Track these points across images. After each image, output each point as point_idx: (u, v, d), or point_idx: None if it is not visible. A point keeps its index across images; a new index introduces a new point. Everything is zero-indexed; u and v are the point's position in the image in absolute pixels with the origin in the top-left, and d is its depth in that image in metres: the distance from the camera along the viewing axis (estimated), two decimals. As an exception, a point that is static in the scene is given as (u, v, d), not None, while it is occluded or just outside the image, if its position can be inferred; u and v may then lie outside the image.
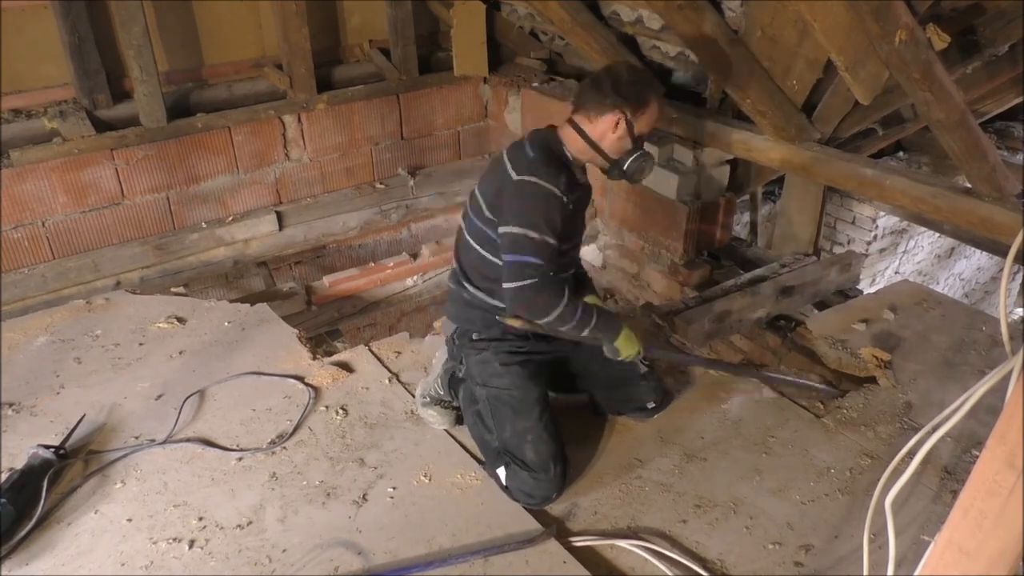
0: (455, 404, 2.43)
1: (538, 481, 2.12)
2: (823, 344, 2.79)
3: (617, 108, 2.09)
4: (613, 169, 2.21)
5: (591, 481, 2.26)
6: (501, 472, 2.19)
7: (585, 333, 2.16)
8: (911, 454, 1.29)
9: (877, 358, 2.69)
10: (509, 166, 2.10)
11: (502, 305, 2.18)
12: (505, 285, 2.08)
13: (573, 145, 2.18)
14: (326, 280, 3.24)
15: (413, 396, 2.58)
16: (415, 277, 3.41)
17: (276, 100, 3.62)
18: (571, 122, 2.18)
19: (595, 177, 3.72)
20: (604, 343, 2.25)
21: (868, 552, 1.50)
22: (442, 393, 2.44)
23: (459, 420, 2.43)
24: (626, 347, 2.24)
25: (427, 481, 2.23)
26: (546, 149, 2.14)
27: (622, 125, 2.11)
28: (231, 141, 3.52)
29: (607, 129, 2.12)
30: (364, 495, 2.18)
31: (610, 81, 2.10)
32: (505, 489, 2.18)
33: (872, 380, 2.66)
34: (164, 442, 2.35)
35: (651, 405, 2.44)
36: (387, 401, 2.56)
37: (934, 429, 1.24)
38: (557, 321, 2.09)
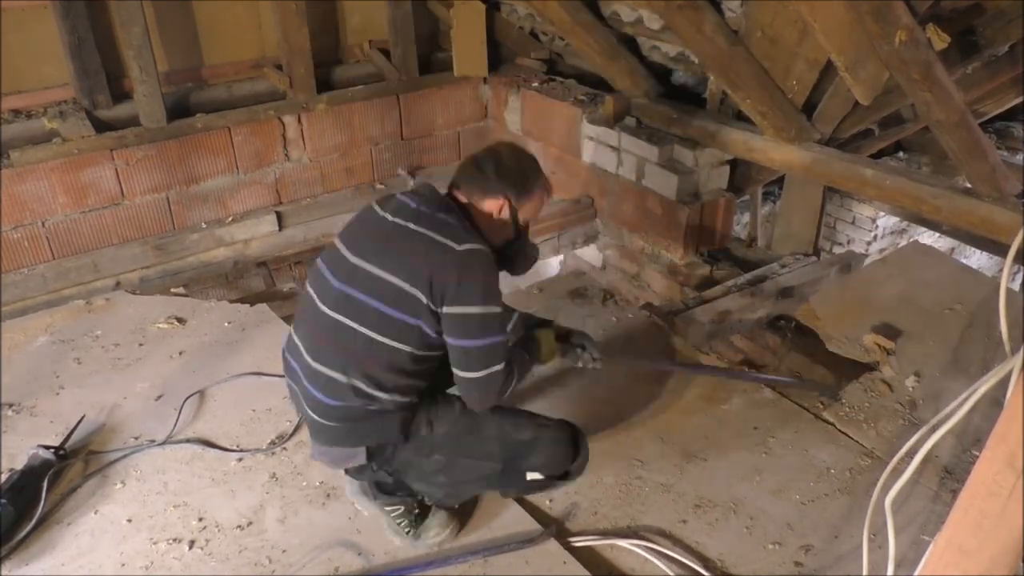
0: (418, 498, 2.04)
1: (569, 449, 1.99)
2: (825, 327, 2.79)
3: (500, 194, 1.87)
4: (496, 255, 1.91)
5: (591, 481, 2.26)
6: (530, 476, 1.99)
7: (521, 381, 1.92)
8: (911, 454, 1.29)
9: (880, 345, 2.68)
10: (438, 236, 1.77)
11: (408, 399, 1.85)
12: (468, 375, 1.78)
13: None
14: (326, 280, 3.24)
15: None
16: (415, 277, 3.41)
17: (276, 100, 3.62)
18: (452, 198, 1.92)
19: (594, 176, 3.73)
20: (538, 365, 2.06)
21: (867, 552, 1.50)
22: (400, 506, 2.02)
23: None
24: (549, 355, 2.05)
25: (427, 481, 2.23)
26: (460, 217, 1.86)
27: (505, 211, 1.89)
28: (231, 141, 3.51)
29: (492, 212, 1.89)
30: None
31: (493, 164, 1.89)
32: (540, 486, 2.05)
33: (870, 368, 2.65)
34: (164, 442, 2.35)
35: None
36: (387, 401, 2.55)
37: (934, 429, 1.24)
38: (503, 389, 1.84)
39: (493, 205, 1.88)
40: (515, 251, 2.02)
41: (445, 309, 1.75)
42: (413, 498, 2.02)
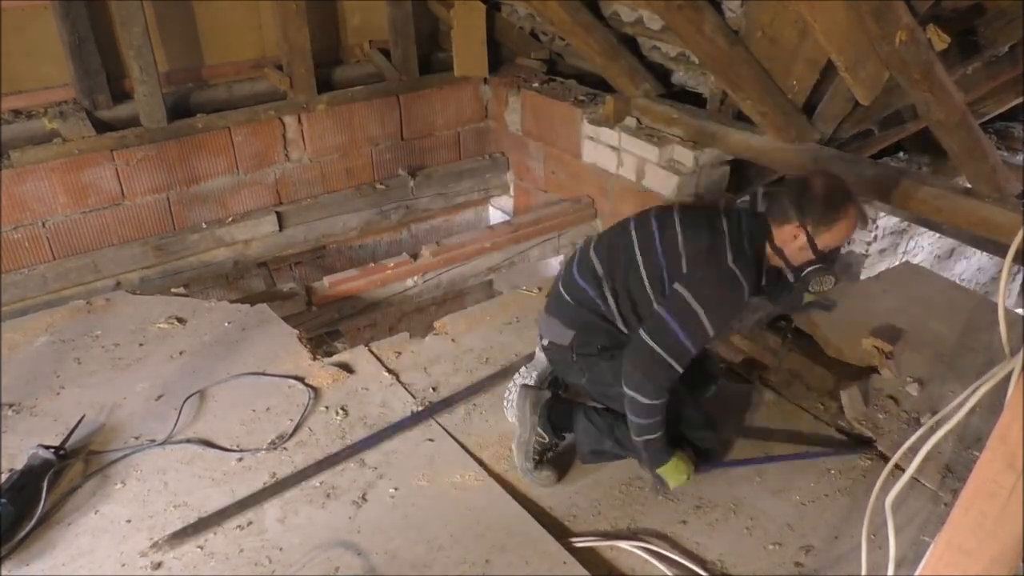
0: (554, 443, 2.28)
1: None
2: (824, 331, 2.80)
3: (798, 222, 2.00)
4: (796, 279, 2.11)
5: (592, 482, 2.26)
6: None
7: (640, 439, 2.07)
8: (911, 453, 1.29)
9: (879, 348, 2.68)
10: (728, 244, 2.01)
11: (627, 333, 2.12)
12: (644, 336, 2.01)
13: (771, 247, 2.10)
14: (326, 281, 3.24)
15: (413, 396, 2.58)
16: (415, 278, 3.40)
17: (276, 100, 3.61)
18: (767, 222, 2.10)
19: (594, 176, 3.73)
20: (647, 466, 2.17)
21: (866, 552, 1.50)
22: (545, 441, 2.23)
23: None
24: (674, 478, 2.13)
25: (426, 482, 2.23)
26: (757, 245, 2.06)
27: (801, 238, 2.01)
28: (231, 142, 3.51)
29: (787, 237, 2.04)
30: (364, 495, 2.18)
31: (796, 194, 2.02)
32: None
33: (874, 370, 2.65)
34: (164, 442, 2.35)
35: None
36: (387, 402, 2.56)
37: (934, 429, 1.24)
38: (644, 410, 2.02)
39: (790, 232, 2.02)
40: (811, 274, 2.07)
41: (676, 285, 2.01)
42: (555, 439, 2.26)
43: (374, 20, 3.88)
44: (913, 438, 1.30)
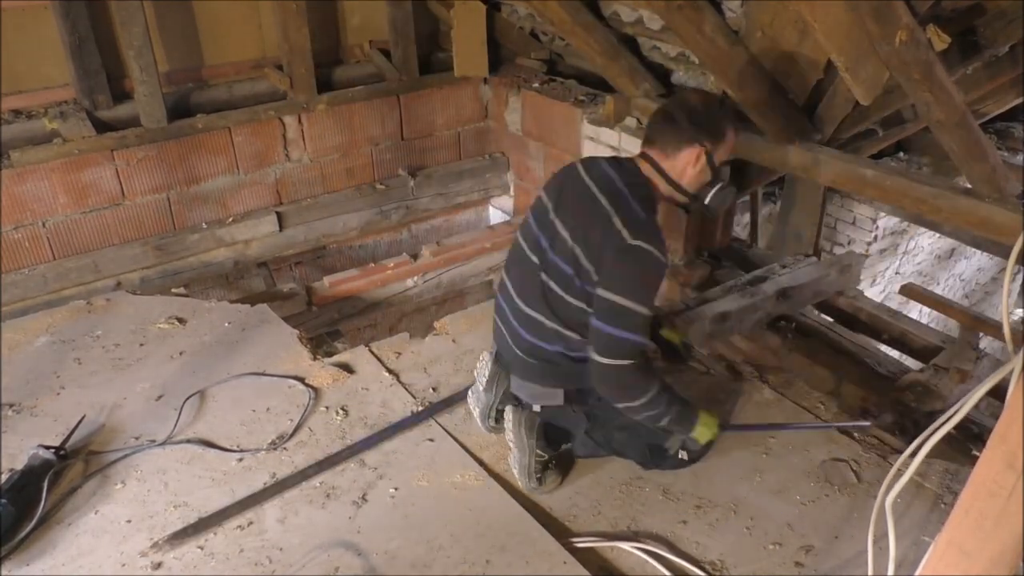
0: (554, 457, 2.24)
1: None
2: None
3: (696, 142, 1.98)
4: (692, 203, 2.10)
5: (592, 482, 2.26)
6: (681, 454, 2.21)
7: (662, 425, 2.06)
8: (912, 454, 1.29)
9: None
10: (617, 221, 1.90)
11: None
12: (597, 358, 1.94)
13: (659, 186, 2.04)
14: (326, 281, 3.24)
15: (413, 397, 2.58)
16: (415, 278, 3.41)
17: (276, 101, 3.62)
18: (646, 157, 2.04)
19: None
20: (680, 437, 2.16)
21: (872, 552, 1.50)
22: (545, 458, 2.20)
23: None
24: (704, 434, 2.14)
25: (426, 482, 2.23)
26: (647, 200, 1.99)
27: (702, 159, 1.99)
28: (231, 142, 3.51)
29: (687, 164, 2.00)
30: (364, 496, 2.18)
31: (685, 113, 1.99)
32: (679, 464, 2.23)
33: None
34: (164, 443, 2.35)
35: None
36: (387, 402, 2.56)
37: (935, 430, 1.24)
38: (642, 407, 1.98)
39: (691, 155, 1.98)
40: (717, 195, 2.08)
41: (598, 290, 1.92)
42: (555, 453, 2.21)
43: (374, 20, 3.88)
44: (917, 441, 1.30)
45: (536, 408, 2.17)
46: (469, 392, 2.40)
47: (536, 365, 2.10)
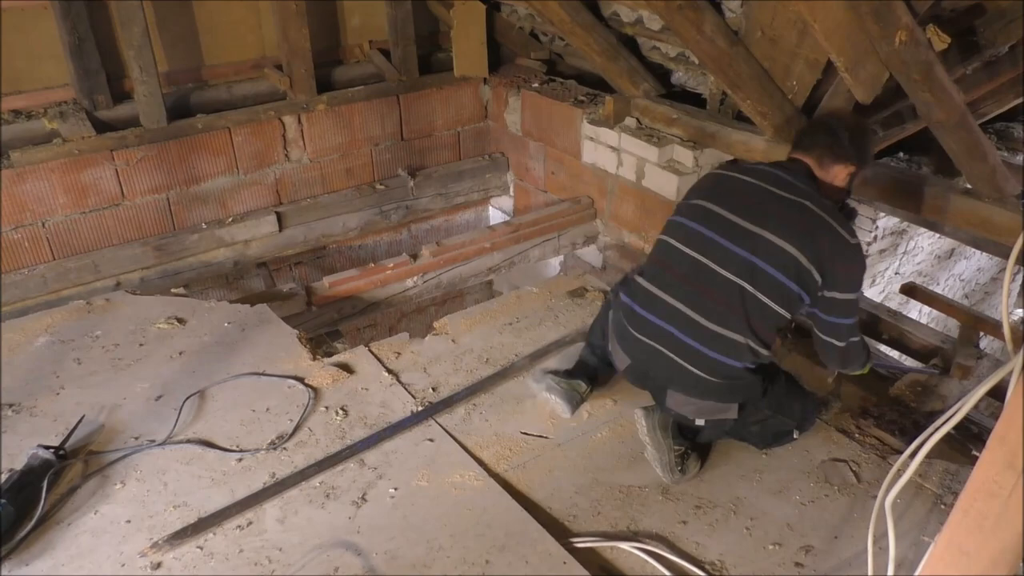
0: (688, 447, 2.26)
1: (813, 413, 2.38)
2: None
3: (851, 161, 2.13)
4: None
5: (592, 482, 2.26)
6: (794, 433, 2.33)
7: (869, 365, 2.35)
8: (912, 454, 1.29)
9: None
10: (836, 225, 2.03)
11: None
12: (837, 343, 2.16)
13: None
14: (326, 281, 3.24)
15: (413, 396, 2.58)
16: (415, 278, 3.40)
17: (276, 101, 3.62)
18: (798, 162, 2.17)
19: (594, 176, 3.73)
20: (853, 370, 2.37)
21: (872, 553, 1.50)
22: (682, 450, 2.23)
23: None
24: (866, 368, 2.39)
25: (426, 482, 2.23)
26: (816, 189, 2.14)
27: (848, 178, 2.16)
28: (231, 142, 3.51)
29: (835, 178, 2.15)
30: (364, 495, 2.18)
31: (847, 132, 2.14)
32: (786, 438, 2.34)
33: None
34: (164, 443, 2.35)
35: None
36: (387, 402, 2.56)
37: (935, 430, 1.24)
38: (861, 367, 2.31)
39: (841, 172, 2.13)
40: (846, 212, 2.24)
41: (827, 293, 2.04)
42: (689, 442, 2.25)
43: (374, 20, 3.88)
44: (916, 442, 1.30)
45: (700, 423, 2.21)
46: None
47: (718, 384, 2.11)
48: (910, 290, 3.11)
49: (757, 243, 2.02)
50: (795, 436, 2.35)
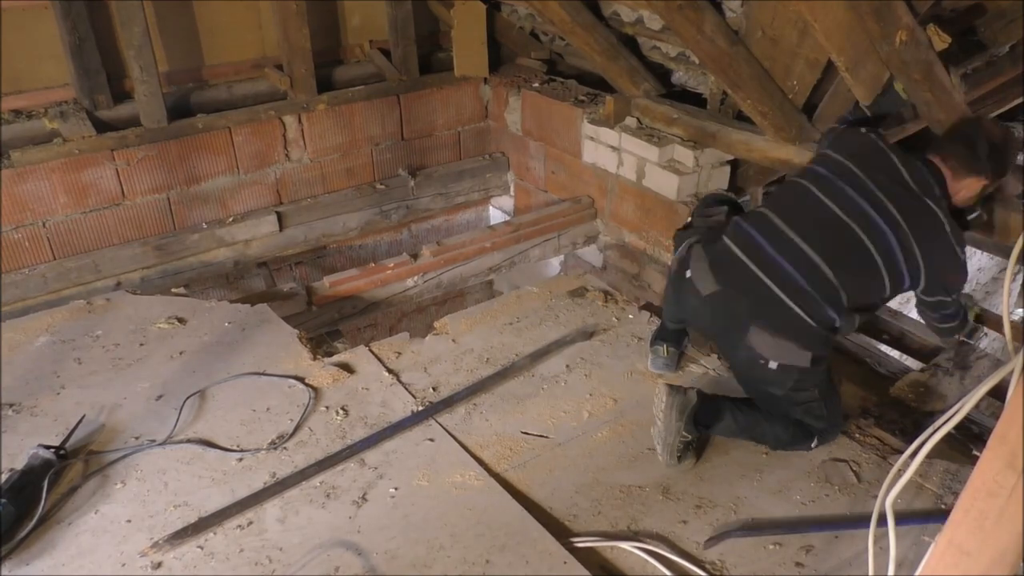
0: (696, 437, 2.27)
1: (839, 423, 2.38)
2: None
3: (984, 175, 2.19)
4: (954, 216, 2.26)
5: (592, 482, 2.26)
6: (814, 441, 2.33)
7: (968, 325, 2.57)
8: (912, 455, 1.29)
9: None
10: (952, 239, 2.14)
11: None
12: (956, 320, 2.40)
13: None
14: (326, 280, 3.24)
15: (413, 396, 2.58)
16: (415, 278, 3.40)
17: (276, 100, 3.61)
18: (933, 166, 2.23)
19: (594, 176, 3.73)
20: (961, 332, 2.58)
21: (872, 553, 1.50)
22: (688, 439, 2.24)
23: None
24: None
25: (427, 482, 2.23)
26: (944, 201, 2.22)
27: (978, 188, 2.22)
28: (231, 142, 3.51)
29: (965, 188, 2.22)
30: (364, 495, 2.18)
31: (986, 147, 2.18)
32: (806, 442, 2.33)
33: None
34: (164, 442, 2.35)
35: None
36: (387, 402, 2.56)
37: (936, 430, 1.24)
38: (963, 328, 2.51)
39: (973, 184, 2.20)
40: (975, 219, 2.34)
41: (928, 298, 2.24)
42: (697, 435, 2.25)
43: (374, 20, 3.88)
44: (917, 442, 1.30)
45: (772, 366, 2.18)
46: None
47: (811, 328, 2.14)
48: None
49: (886, 217, 2.11)
50: (813, 445, 2.33)
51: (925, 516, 2.10)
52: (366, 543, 2.02)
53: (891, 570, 1.44)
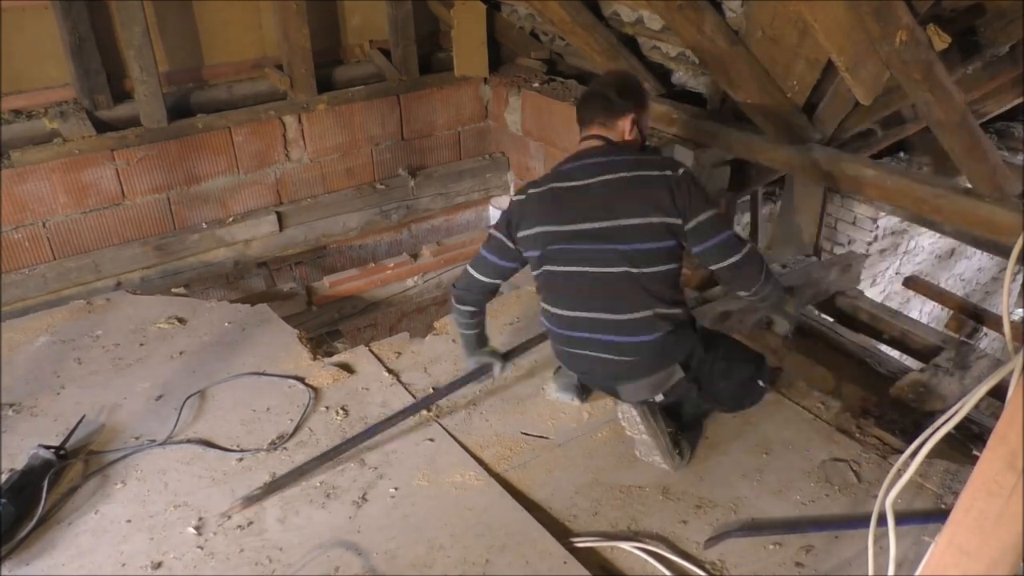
0: (677, 429, 2.32)
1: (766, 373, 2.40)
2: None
3: (628, 112, 2.26)
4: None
5: (591, 482, 2.26)
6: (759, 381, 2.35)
7: (775, 297, 2.37)
8: (912, 455, 1.29)
9: None
10: (654, 170, 2.15)
11: (684, 309, 2.24)
12: (743, 252, 2.21)
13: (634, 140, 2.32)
14: (326, 280, 3.25)
15: (413, 396, 2.58)
16: (415, 277, 3.41)
17: (276, 100, 3.62)
18: (591, 138, 2.29)
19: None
20: (779, 309, 2.48)
21: (872, 553, 1.49)
22: (672, 431, 2.28)
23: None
24: (792, 304, 2.51)
25: (427, 482, 2.23)
26: (631, 146, 2.29)
27: (634, 128, 2.28)
28: (231, 141, 3.51)
29: (624, 132, 2.27)
30: (364, 495, 2.18)
31: (614, 89, 2.27)
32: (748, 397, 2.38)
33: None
34: (164, 442, 2.35)
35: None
36: (387, 402, 2.56)
37: (936, 430, 1.24)
38: (767, 278, 2.29)
39: (625, 124, 2.25)
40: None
41: (692, 222, 2.13)
42: (677, 423, 2.30)
43: (374, 20, 3.88)
44: (917, 442, 1.30)
45: (659, 398, 2.26)
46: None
47: (653, 358, 2.21)
48: (912, 284, 3.12)
49: (615, 234, 2.15)
50: (761, 384, 2.36)
51: (925, 516, 2.10)
52: (366, 543, 2.02)
53: (891, 570, 1.44)
